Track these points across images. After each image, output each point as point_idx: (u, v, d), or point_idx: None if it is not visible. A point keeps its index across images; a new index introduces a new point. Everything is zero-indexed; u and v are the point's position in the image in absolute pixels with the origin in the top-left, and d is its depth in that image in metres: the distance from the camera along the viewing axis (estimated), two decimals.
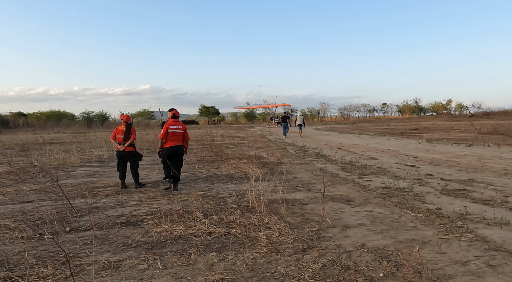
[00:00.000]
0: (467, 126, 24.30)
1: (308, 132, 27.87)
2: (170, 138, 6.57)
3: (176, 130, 6.65)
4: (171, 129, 6.59)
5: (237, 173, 8.52)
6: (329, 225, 4.09)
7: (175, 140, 6.62)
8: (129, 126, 7.21)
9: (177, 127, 6.70)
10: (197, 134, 25.65)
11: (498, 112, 52.31)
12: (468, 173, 7.37)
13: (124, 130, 7.11)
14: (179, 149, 6.69)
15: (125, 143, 7.04)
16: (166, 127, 6.58)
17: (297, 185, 6.67)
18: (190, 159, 11.41)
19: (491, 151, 10.82)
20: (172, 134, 6.58)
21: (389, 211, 4.62)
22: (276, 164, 9.92)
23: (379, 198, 5.40)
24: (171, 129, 6.59)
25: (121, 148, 7.00)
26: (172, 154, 6.61)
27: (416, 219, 4.19)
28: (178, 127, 6.71)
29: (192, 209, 4.94)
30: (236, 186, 6.77)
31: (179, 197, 5.92)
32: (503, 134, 17.05)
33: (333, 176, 7.58)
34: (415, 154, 11.07)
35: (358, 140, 17.61)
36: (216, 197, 5.91)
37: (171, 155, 6.61)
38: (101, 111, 56.02)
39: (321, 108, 73.42)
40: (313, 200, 5.47)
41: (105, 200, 5.91)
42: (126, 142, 7.06)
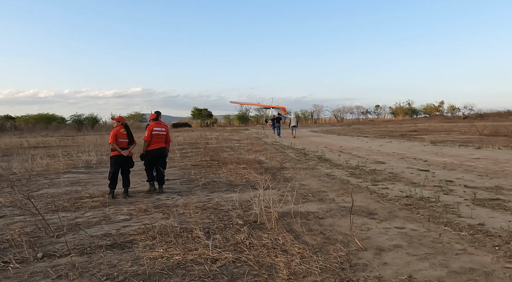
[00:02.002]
0: (466, 128, 23.91)
1: (305, 134, 27.27)
2: (154, 141, 6.52)
3: (160, 132, 6.60)
4: (155, 131, 6.51)
5: (237, 179, 7.80)
6: (358, 247, 3.40)
7: (160, 142, 6.60)
8: (128, 129, 6.50)
9: (161, 129, 6.64)
10: (190, 137, 24.82)
11: (492, 114, 52.42)
12: (491, 179, 6.75)
13: (126, 133, 6.40)
14: (164, 150, 6.68)
15: (129, 147, 6.41)
16: (150, 129, 6.50)
17: (306, 194, 5.97)
18: (184, 164, 10.66)
19: (504, 154, 10.26)
20: (156, 136, 6.52)
21: (423, 227, 3.95)
22: (277, 168, 9.22)
23: (405, 210, 4.72)
24: (155, 132, 6.51)
25: (126, 152, 6.27)
26: (158, 156, 6.57)
27: (461, 238, 3.52)
28: (162, 129, 6.65)
29: (191, 226, 4.20)
30: (239, 195, 6.05)
31: (175, 209, 5.18)
32: (507, 136, 16.60)
33: (343, 183, 6.90)
34: (423, 157, 10.46)
35: (358, 142, 17.01)
36: (217, 209, 5.17)
37: (157, 157, 6.57)
38: (92, 114, 54.71)
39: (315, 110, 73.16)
40: (329, 213, 4.77)
41: (89, 214, 5.14)
42: (131, 146, 6.44)
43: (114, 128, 6.41)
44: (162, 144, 6.64)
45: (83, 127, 50.56)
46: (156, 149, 6.51)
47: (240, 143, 19.38)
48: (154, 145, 6.50)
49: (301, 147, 15.45)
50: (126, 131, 6.42)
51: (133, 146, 6.51)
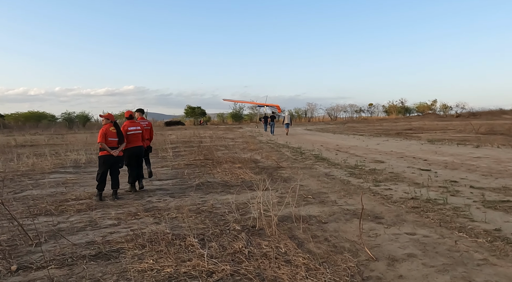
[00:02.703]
0: (461, 126, 23.86)
1: (300, 133, 27.01)
2: (130, 140, 6.49)
3: (135, 131, 6.63)
4: (130, 131, 6.52)
5: (232, 179, 7.46)
6: (369, 257, 3.09)
7: (135, 141, 6.61)
8: (118, 127, 6.12)
9: (135, 128, 6.67)
10: (183, 135, 24.40)
11: (484, 113, 52.68)
12: (496, 179, 6.51)
13: (116, 132, 6.02)
14: (139, 149, 6.72)
15: (119, 147, 6.06)
16: (124, 129, 6.46)
17: (306, 196, 5.66)
18: (178, 163, 10.29)
19: (505, 153, 10.08)
20: (132, 135, 6.53)
21: (436, 233, 3.66)
22: (274, 168, 8.91)
23: (413, 213, 4.44)
24: (130, 132, 6.52)
25: (116, 152, 5.90)
26: (134, 155, 6.57)
27: (479, 246, 3.23)
28: (136, 128, 6.69)
29: (185, 232, 3.86)
30: (235, 197, 5.72)
31: (167, 213, 4.83)
32: (503, 135, 16.49)
33: (344, 184, 6.61)
34: (423, 156, 10.23)
35: (355, 141, 16.77)
36: (212, 212, 4.84)
37: (132, 156, 6.55)
38: (83, 112, 53.85)
39: (308, 109, 72.86)
40: (332, 216, 4.47)
41: (74, 218, 4.77)
42: (121, 146, 6.09)
43: (103, 127, 6.04)
44: (139, 143, 6.67)
45: (74, 125, 49.76)
46: (132, 148, 6.50)
47: (235, 141, 19.03)
48: (130, 144, 6.47)
49: (297, 145, 15.15)
50: (115, 129, 6.05)
51: (123, 145, 6.15)
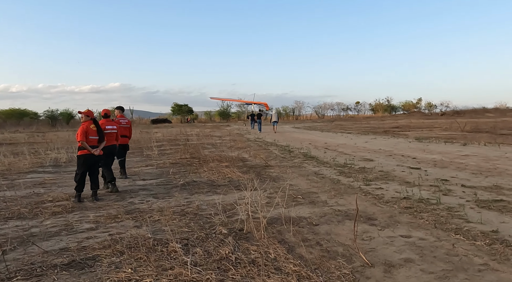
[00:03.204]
0: (447, 124, 24.11)
1: (288, 130, 26.90)
2: (106, 139, 6.26)
3: (112, 131, 6.61)
4: (107, 130, 6.45)
5: (219, 179, 7.22)
6: (364, 262, 2.90)
7: (111, 140, 6.55)
8: (98, 124, 5.81)
9: (112, 127, 6.66)
10: (170, 133, 23.99)
11: (468, 111, 53.67)
12: (486, 177, 6.45)
13: (96, 130, 5.71)
14: (114, 148, 6.72)
15: (100, 145, 5.78)
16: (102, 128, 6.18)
17: (296, 196, 5.47)
18: (163, 162, 9.98)
19: (492, 151, 10.10)
20: (108, 135, 6.40)
21: (432, 235, 3.50)
22: (262, 167, 8.70)
23: (406, 214, 4.28)
24: (107, 131, 6.44)
25: (97, 151, 5.58)
26: (108, 153, 6.47)
27: (478, 250, 3.08)
28: (113, 127, 6.68)
29: (167, 237, 3.60)
30: (222, 198, 5.49)
31: (150, 215, 4.56)
32: (488, 133, 16.68)
33: (334, 183, 6.44)
34: (411, 154, 10.17)
35: (343, 139, 16.70)
36: (197, 215, 4.59)
37: (107, 154, 6.40)
38: (67, 109, 52.54)
39: (296, 107, 72.93)
40: (324, 218, 4.28)
41: (49, 221, 4.45)
42: (101, 144, 5.81)
43: (82, 124, 5.72)
44: (113, 142, 6.64)
45: (57, 123, 48.55)
46: (107, 146, 6.34)
47: (222, 139, 18.75)
48: (106, 143, 6.24)
49: (285, 143, 14.98)
50: (96, 127, 5.73)
51: (103, 143, 5.83)
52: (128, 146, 8.08)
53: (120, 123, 7.64)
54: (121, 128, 7.60)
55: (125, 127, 7.85)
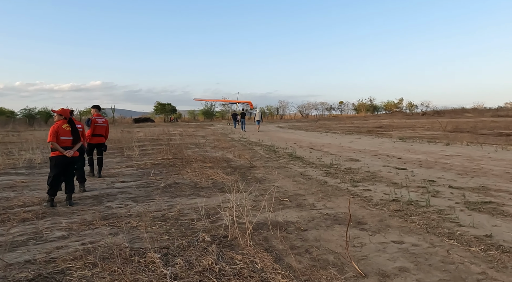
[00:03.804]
0: (429, 124, 24.47)
1: (272, 130, 26.79)
2: None
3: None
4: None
5: (202, 180, 6.96)
6: (357, 272, 2.72)
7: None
8: (73, 124, 5.46)
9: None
10: (152, 133, 23.46)
11: (448, 111, 55.03)
12: (472, 178, 6.43)
13: (71, 130, 5.34)
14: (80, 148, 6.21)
15: (75, 146, 5.39)
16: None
17: (282, 199, 5.27)
18: (144, 163, 9.64)
19: (475, 151, 10.19)
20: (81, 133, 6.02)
21: (425, 241, 3.36)
22: (247, 167, 8.48)
23: (396, 217, 4.15)
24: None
25: (70, 153, 5.21)
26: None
27: (474, 256, 2.95)
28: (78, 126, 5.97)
29: (146, 246, 3.34)
30: (205, 201, 5.24)
31: (128, 221, 4.27)
32: (469, 132, 16.96)
33: (321, 184, 6.29)
34: (396, 154, 10.16)
35: (328, 139, 16.66)
36: (179, 220, 4.33)
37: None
38: (45, 107, 50.97)
39: (280, 106, 73.12)
40: (312, 223, 4.09)
41: (17, 229, 4.10)
42: (76, 145, 5.42)
43: (54, 123, 5.36)
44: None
45: (35, 122, 47.02)
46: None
47: (206, 139, 18.43)
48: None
49: (269, 143, 14.81)
50: (70, 127, 5.38)
51: (79, 144, 5.49)
52: (105, 146, 7.85)
53: (96, 123, 7.42)
54: (97, 127, 7.46)
55: (101, 126, 7.67)
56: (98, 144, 7.62)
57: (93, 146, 7.58)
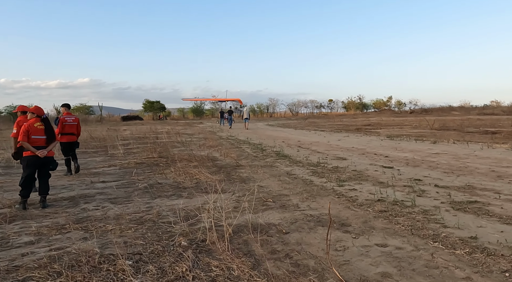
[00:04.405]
0: (416, 122, 24.64)
1: (261, 128, 26.64)
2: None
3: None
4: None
5: (186, 180, 6.77)
6: (338, 279, 2.59)
7: None
8: (48, 123, 5.21)
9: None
10: (139, 131, 23.08)
11: (435, 109, 55.66)
12: (457, 176, 6.38)
13: (44, 129, 5.09)
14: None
15: (49, 146, 5.14)
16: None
17: (266, 199, 5.13)
18: (128, 162, 9.38)
19: (461, 149, 10.21)
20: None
21: (408, 243, 3.25)
22: (233, 167, 8.32)
23: (381, 219, 4.04)
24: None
25: (42, 153, 4.96)
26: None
27: (458, 260, 2.85)
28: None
29: (117, 251, 3.15)
30: (186, 202, 5.07)
31: (103, 224, 4.07)
32: (456, 130, 17.09)
33: (306, 184, 6.16)
34: (383, 152, 10.12)
35: (316, 137, 16.59)
36: (157, 223, 4.15)
37: None
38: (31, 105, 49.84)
39: (270, 104, 72.99)
40: (294, 225, 3.96)
41: None
42: (51, 145, 5.17)
43: (26, 122, 5.11)
44: None
45: None
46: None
47: (193, 137, 18.20)
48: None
49: (258, 141, 14.66)
50: (43, 126, 5.14)
51: (54, 143, 5.25)
52: (77, 143, 7.83)
53: (65, 121, 7.42)
54: (66, 126, 7.46)
55: (71, 124, 7.67)
56: (69, 142, 7.64)
57: (64, 144, 7.60)
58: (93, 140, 15.97)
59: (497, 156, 8.71)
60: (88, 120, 49.91)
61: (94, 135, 17.85)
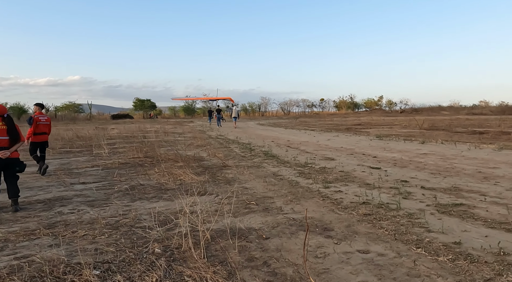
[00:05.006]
0: (406, 122, 24.74)
1: (252, 127, 26.50)
2: None
3: None
4: None
5: (170, 181, 6.59)
6: None
7: None
8: (11, 122, 4.96)
9: None
10: (128, 130, 22.74)
11: (425, 109, 56.20)
12: (444, 178, 6.32)
13: (7, 129, 4.85)
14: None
15: (12, 147, 4.90)
16: None
17: (249, 202, 4.98)
18: (112, 162, 9.15)
19: (449, 149, 10.20)
20: None
21: (391, 250, 3.14)
22: (219, 167, 8.16)
23: (365, 223, 3.92)
24: None
25: (4, 154, 4.72)
26: None
27: (441, 267, 2.74)
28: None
29: (87, 259, 2.98)
30: (167, 205, 4.91)
31: (75, 229, 3.88)
32: (445, 130, 17.16)
33: (292, 185, 6.04)
34: (372, 152, 10.05)
35: (306, 136, 16.50)
36: (133, 227, 3.97)
37: None
38: (18, 103, 48.98)
39: (262, 103, 72.88)
40: (276, 229, 3.82)
41: None
42: (16, 145, 4.95)
43: None
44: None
45: None
46: None
47: (182, 136, 17.97)
48: None
49: (247, 141, 14.51)
50: (6, 126, 4.88)
51: (19, 144, 5.01)
52: (47, 142, 7.92)
53: (39, 121, 7.43)
54: (40, 125, 7.48)
55: (44, 124, 7.72)
56: (42, 142, 7.68)
57: (37, 144, 7.59)
58: (78, 139, 15.64)
59: (484, 156, 8.70)
60: (77, 118, 49.26)
61: (80, 134, 17.51)
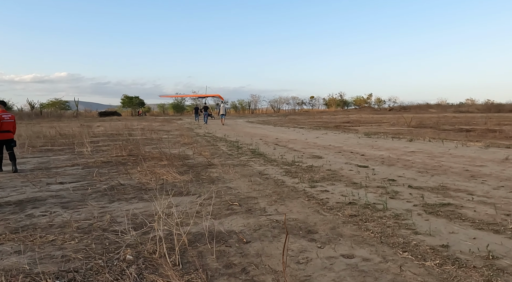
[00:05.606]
0: (394, 119, 24.83)
1: (241, 125, 26.29)
2: None
3: None
4: None
5: (151, 181, 6.36)
6: None
7: None
8: None
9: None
10: (114, 127, 22.29)
11: (413, 106, 56.69)
12: (431, 176, 6.23)
13: None
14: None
15: None
16: None
17: (232, 202, 4.80)
18: (94, 161, 8.86)
19: (436, 147, 10.17)
20: None
21: (376, 254, 2.99)
22: (204, 166, 7.94)
23: (350, 224, 3.77)
24: None
25: None
26: None
27: (428, 273, 2.60)
28: None
29: (49, 268, 2.75)
30: (146, 207, 4.69)
31: (44, 234, 3.64)
32: (432, 128, 17.23)
33: (278, 185, 5.87)
34: (360, 150, 9.96)
35: (294, 134, 16.37)
36: (106, 231, 3.75)
37: None
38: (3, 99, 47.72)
39: (252, 101, 72.64)
40: (257, 232, 3.64)
41: None
42: None
43: None
44: None
45: None
46: None
47: (169, 134, 17.66)
48: None
49: (234, 139, 14.30)
50: None
51: None
52: (14, 141, 7.83)
53: (3, 119, 7.42)
54: (4, 123, 7.48)
55: (8, 122, 7.73)
56: (7, 139, 7.65)
57: (1, 142, 7.56)
58: (61, 137, 15.21)
59: (471, 154, 8.68)
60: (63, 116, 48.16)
61: (64, 132, 17.05)
